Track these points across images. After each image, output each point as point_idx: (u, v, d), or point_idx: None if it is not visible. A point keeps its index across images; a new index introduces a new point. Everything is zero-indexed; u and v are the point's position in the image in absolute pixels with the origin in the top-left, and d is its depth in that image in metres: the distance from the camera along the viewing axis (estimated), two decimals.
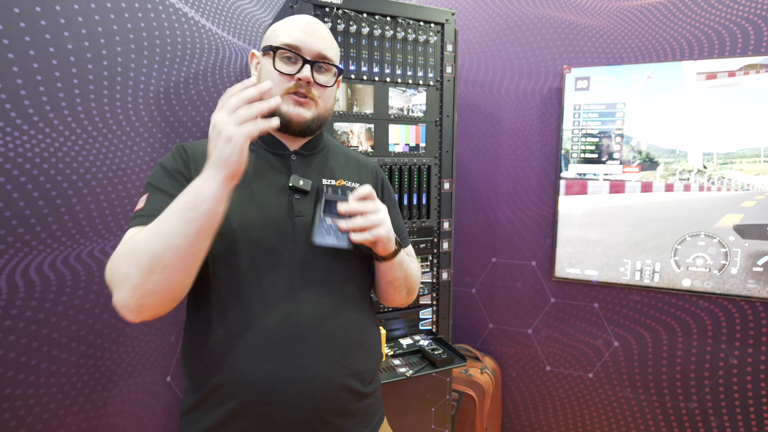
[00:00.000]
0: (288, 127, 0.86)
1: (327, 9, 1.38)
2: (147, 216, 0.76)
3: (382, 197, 1.03)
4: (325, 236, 0.81)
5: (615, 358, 2.01)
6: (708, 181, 1.78)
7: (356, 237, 0.81)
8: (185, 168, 0.84)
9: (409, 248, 1.10)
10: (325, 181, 0.91)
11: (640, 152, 1.87)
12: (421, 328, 1.66)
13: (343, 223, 0.81)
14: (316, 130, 0.91)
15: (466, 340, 2.31)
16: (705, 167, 1.78)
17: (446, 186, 1.64)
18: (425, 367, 1.47)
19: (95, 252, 1.39)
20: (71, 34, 1.30)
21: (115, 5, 1.40)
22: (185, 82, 1.62)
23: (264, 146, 0.91)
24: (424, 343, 1.59)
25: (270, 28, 0.91)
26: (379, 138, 1.53)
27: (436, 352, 1.50)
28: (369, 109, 1.50)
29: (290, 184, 0.86)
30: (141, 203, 0.81)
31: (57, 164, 1.29)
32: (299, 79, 0.84)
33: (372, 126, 1.52)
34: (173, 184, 0.81)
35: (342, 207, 0.81)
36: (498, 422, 2.20)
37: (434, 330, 1.68)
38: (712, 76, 1.74)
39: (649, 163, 1.86)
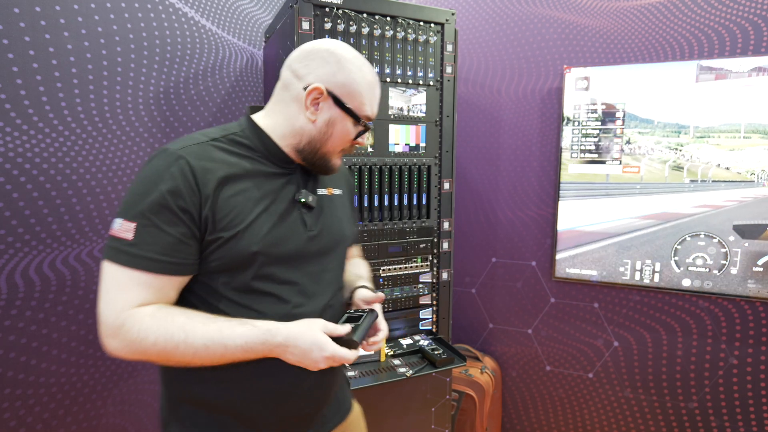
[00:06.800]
0: (324, 173, 0.92)
1: (327, 9, 1.38)
2: (135, 256, 0.73)
3: (352, 199, 1.11)
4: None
5: (615, 358, 2.01)
6: (678, 154, 1.80)
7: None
8: (192, 198, 0.75)
9: (355, 250, 1.19)
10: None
11: (628, 141, 1.87)
12: (421, 328, 1.66)
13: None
14: None
15: (466, 340, 2.31)
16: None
17: (446, 186, 1.64)
18: (425, 367, 1.47)
19: (95, 252, 1.39)
20: (71, 34, 1.30)
21: (115, 5, 1.40)
22: (185, 82, 1.62)
23: (272, 161, 0.87)
24: (424, 343, 1.58)
25: (351, 78, 0.84)
26: (379, 138, 1.53)
27: (436, 352, 1.50)
28: None
29: (302, 200, 0.88)
30: (127, 232, 0.73)
31: (57, 164, 1.29)
32: (357, 143, 0.91)
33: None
34: (172, 220, 0.74)
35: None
36: (498, 422, 2.20)
37: (434, 330, 1.68)
38: (720, 76, 1.74)
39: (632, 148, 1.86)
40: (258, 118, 0.88)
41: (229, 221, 0.78)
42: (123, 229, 0.74)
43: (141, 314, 0.73)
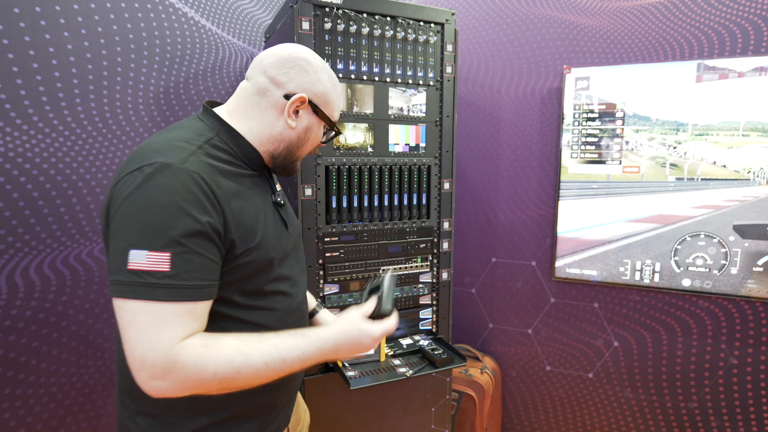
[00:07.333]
0: (290, 175, 0.96)
1: (327, 9, 1.38)
2: (178, 288, 0.68)
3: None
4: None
5: (615, 358, 2.01)
6: (676, 153, 1.80)
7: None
8: (218, 218, 0.74)
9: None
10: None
11: (627, 142, 1.87)
12: (421, 328, 1.66)
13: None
14: None
15: (466, 340, 2.31)
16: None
17: (446, 186, 1.64)
18: (425, 367, 1.47)
19: (95, 252, 1.39)
20: (71, 34, 1.30)
21: (115, 5, 1.40)
22: (185, 82, 1.62)
23: (247, 163, 0.86)
24: (424, 343, 1.58)
25: (326, 87, 0.89)
26: (379, 138, 1.53)
27: (436, 352, 1.50)
28: (369, 109, 1.50)
29: (281, 201, 0.94)
30: (161, 264, 0.67)
31: (57, 164, 1.29)
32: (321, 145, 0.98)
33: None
34: (207, 244, 0.72)
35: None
36: (498, 422, 2.20)
37: (434, 330, 1.68)
38: (720, 76, 1.74)
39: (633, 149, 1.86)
40: (226, 119, 0.85)
41: (249, 234, 0.80)
42: (154, 261, 0.66)
43: (192, 346, 0.68)
